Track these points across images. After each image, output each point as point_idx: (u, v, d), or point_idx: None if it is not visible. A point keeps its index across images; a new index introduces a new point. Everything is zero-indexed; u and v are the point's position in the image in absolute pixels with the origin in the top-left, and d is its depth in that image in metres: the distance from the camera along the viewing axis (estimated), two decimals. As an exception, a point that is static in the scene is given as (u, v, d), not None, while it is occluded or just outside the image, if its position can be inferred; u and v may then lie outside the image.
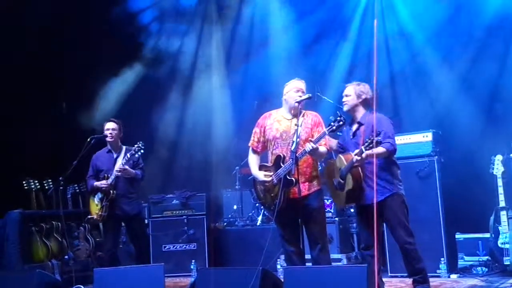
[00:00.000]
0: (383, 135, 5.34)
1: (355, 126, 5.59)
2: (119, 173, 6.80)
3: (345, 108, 5.70)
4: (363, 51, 9.12)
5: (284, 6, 9.83)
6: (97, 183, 6.98)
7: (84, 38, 9.39)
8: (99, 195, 6.96)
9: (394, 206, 5.47)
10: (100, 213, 6.90)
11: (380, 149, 5.29)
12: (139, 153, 6.80)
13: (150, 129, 9.97)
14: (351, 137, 5.59)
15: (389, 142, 5.37)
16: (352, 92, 5.66)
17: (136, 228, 7.15)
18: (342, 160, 5.46)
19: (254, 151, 5.85)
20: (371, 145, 5.17)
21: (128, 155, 6.83)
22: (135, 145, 6.81)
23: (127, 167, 6.83)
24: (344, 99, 5.70)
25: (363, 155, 5.25)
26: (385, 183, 5.45)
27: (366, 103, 5.66)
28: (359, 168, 5.42)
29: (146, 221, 8.97)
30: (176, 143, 10.30)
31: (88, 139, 7.13)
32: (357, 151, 5.27)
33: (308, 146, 5.31)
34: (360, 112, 5.62)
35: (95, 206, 6.99)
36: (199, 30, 10.53)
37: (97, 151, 7.23)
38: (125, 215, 6.98)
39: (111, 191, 6.85)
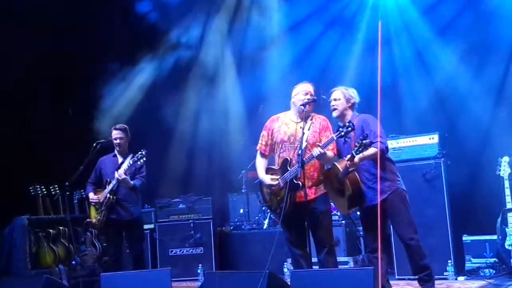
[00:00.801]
0: (372, 135, 5.34)
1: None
2: (120, 178, 6.81)
3: (335, 114, 5.65)
4: (369, 52, 9.10)
5: (286, 7, 9.83)
6: (90, 195, 7.04)
7: (90, 40, 9.42)
8: (99, 199, 6.99)
9: (395, 202, 5.47)
10: (98, 217, 6.92)
11: (372, 150, 5.28)
12: (141, 160, 6.79)
13: (156, 134, 9.97)
14: (343, 142, 5.56)
15: (379, 142, 5.36)
16: (341, 96, 5.64)
17: (135, 233, 7.09)
18: (337, 167, 5.44)
19: (262, 155, 5.84)
20: (360, 149, 5.16)
21: (131, 161, 6.82)
22: (138, 153, 6.81)
23: (126, 177, 6.82)
24: (333, 103, 5.66)
25: (355, 159, 5.24)
26: (383, 182, 5.45)
27: (353, 107, 5.66)
28: (355, 172, 5.41)
29: (153, 225, 9.00)
30: (182, 147, 10.31)
31: (94, 144, 7.15)
32: (349, 156, 5.27)
33: (316, 151, 5.31)
34: (349, 116, 5.60)
35: (94, 210, 7.02)
36: (209, 30, 10.51)
37: (104, 156, 7.25)
38: (125, 220, 6.95)
39: (111, 197, 6.86)
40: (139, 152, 6.79)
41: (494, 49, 8.23)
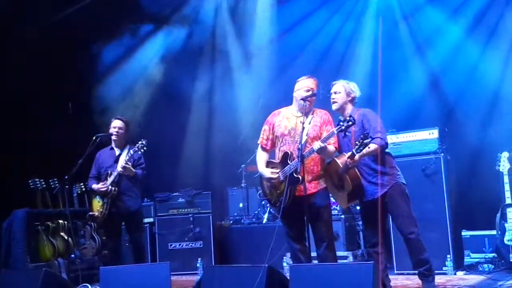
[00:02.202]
0: (372, 131, 5.33)
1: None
2: (121, 171, 6.80)
3: (335, 107, 5.64)
4: (369, 48, 9.10)
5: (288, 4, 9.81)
6: (94, 186, 7.02)
7: (89, 35, 9.40)
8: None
9: (395, 196, 5.47)
10: (101, 210, 6.92)
11: (372, 147, 5.28)
12: (142, 150, 6.79)
13: (155, 127, 9.96)
14: (343, 136, 5.55)
15: (379, 137, 5.35)
16: (342, 90, 5.62)
17: (134, 224, 7.12)
18: (337, 163, 5.43)
19: (263, 149, 5.84)
20: (361, 148, 5.15)
21: (131, 151, 6.83)
22: (139, 142, 6.82)
23: (129, 164, 6.83)
24: (333, 96, 5.65)
25: (356, 157, 5.24)
26: (383, 176, 5.45)
27: (353, 101, 5.65)
28: (355, 168, 5.41)
29: (152, 219, 9.00)
30: (182, 141, 10.30)
31: (94, 138, 7.15)
32: (349, 154, 5.26)
33: (316, 145, 5.29)
34: (348, 110, 5.59)
35: (97, 203, 7.02)
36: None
37: (101, 149, 7.26)
38: (125, 212, 6.96)
39: (113, 188, 6.86)
40: (140, 142, 6.80)
41: (493, 44, 8.22)
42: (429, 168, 7.05)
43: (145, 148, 6.79)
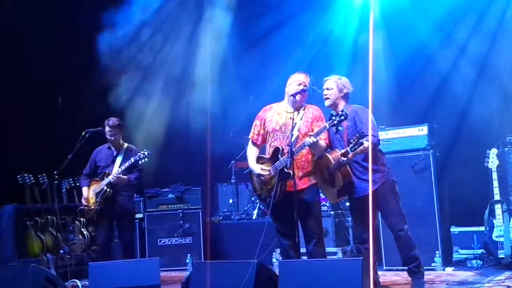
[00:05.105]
0: (364, 128, 5.34)
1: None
2: (114, 180, 6.81)
3: (327, 104, 5.63)
4: (360, 44, 9.09)
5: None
6: (83, 190, 7.07)
7: (82, 30, 9.34)
8: (96, 189, 6.98)
9: (385, 193, 5.49)
10: (92, 206, 6.93)
11: (364, 144, 5.27)
12: (142, 161, 6.83)
13: (146, 123, 9.90)
14: (334, 132, 5.54)
15: (371, 135, 5.36)
16: (334, 86, 5.61)
17: (126, 223, 7.15)
18: (329, 159, 5.42)
19: (254, 144, 5.83)
20: (356, 146, 5.15)
21: (132, 159, 6.84)
22: (141, 152, 6.83)
23: (121, 175, 6.84)
24: (326, 92, 5.63)
25: (350, 155, 5.24)
26: (374, 173, 5.45)
27: (346, 97, 5.64)
28: (347, 165, 5.41)
29: (142, 215, 8.99)
30: (171, 136, 10.25)
31: (83, 133, 7.15)
32: (343, 151, 5.25)
33: (308, 140, 5.29)
34: (341, 106, 5.57)
35: (90, 197, 7.01)
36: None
37: (98, 147, 7.28)
38: (118, 211, 6.98)
39: (109, 190, 6.86)
40: (142, 152, 6.83)
41: (484, 40, 8.24)
42: (418, 165, 7.07)
43: (146, 159, 6.80)
